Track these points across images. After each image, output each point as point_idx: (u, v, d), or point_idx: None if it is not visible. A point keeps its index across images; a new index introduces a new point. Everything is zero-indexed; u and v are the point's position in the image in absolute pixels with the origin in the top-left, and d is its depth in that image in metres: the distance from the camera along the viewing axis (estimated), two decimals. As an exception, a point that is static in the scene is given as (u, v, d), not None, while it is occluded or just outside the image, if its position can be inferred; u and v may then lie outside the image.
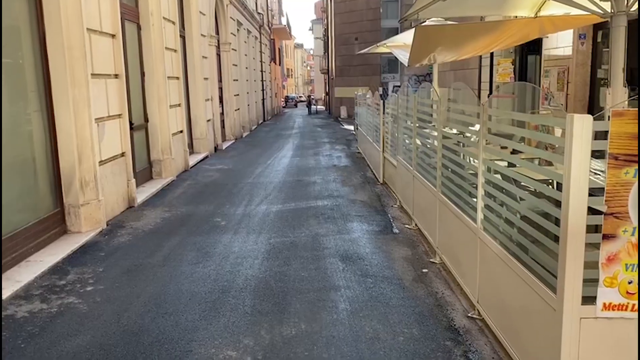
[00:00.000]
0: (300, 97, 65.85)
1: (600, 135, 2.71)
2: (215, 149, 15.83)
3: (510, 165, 4.25)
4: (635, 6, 4.80)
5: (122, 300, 4.73)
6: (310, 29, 64.25)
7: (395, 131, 8.74)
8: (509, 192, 3.72)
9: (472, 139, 4.98)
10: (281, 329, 4.09)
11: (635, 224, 2.64)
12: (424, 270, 5.34)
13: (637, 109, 2.62)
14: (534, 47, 10.79)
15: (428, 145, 6.45)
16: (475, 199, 4.28)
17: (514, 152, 4.82)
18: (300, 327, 4.13)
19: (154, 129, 10.37)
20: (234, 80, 20.03)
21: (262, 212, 7.97)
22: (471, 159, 5.15)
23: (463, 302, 4.50)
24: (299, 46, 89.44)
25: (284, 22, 46.93)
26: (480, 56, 13.13)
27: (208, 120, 14.89)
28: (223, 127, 17.96)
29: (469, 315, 4.23)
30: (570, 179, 2.64)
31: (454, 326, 4.08)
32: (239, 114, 20.86)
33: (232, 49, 19.55)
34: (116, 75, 8.09)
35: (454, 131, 5.57)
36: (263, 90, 31.89)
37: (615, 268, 2.69)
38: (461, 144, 5.27)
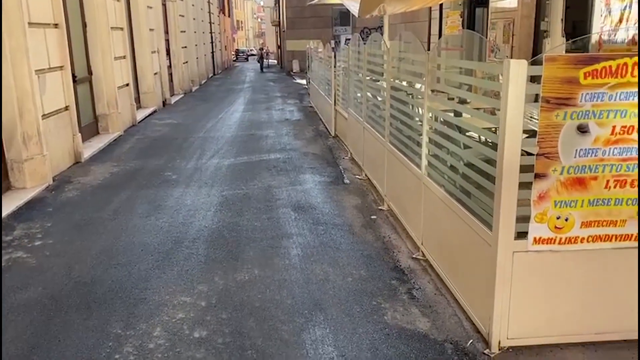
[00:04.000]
0: (251, 50, 64.30)
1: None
2: (164, 103, 15.44)
3: (457, 114, 4.40)
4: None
5: (72, 254, 4.70)
6: (260, -20, 62.22)
7: (347, 84, 8.78)
8: (452, 138, 3.88)
9: (417, 87, 5.08)
10: (235, 275, 4.20)
11: (564, 163, 2.84)
12: (372, 217, 5.52)
13: (569, 54, 2.77)
14: (481, -1, 10.93)
15: (379, 98, 6.54)
16: (420, 148, 4.42)
17: (461, 101, 4.99)
18: (254, 272, 4.25)
19: (99, 82, 10.02)
20: (182, 31, 19.37)
21: (214, 165, 7.95)
22: (418, 108, 5.28)
23: (408, 244, 4.72)
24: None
25: (232, -29, 45.32)
26: (430, 9, 13.19)
27: (155, 74, 14.46)
28: (171, 80, 17.48)
29: (414, 256, 4.46)
30: (505, 121, 2.79)
31: (399, 267, 4.29)
32: (187, 67, 20.30)
33: (179, -1, 18.84)
34: (55, 25, 7.72)
35: (404, 83, 5.66)
36: (212, 42, 30.99)
37: (545, 205, 2.90)
38: (410, 95, 5.37)
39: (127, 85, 11.61)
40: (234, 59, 52.67)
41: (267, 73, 32.48)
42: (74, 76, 8.42)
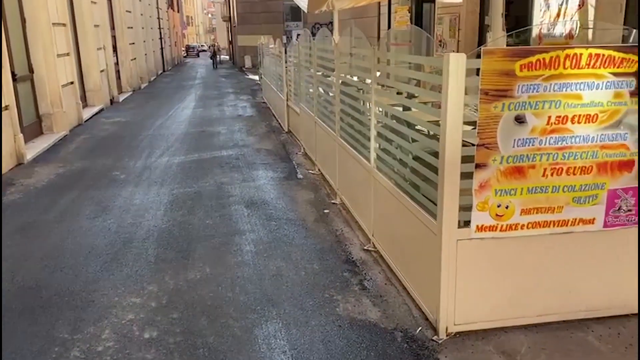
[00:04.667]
0: (202, 46, 63.28)
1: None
2: (112, 101, 15.04)
3: (405, 108, 4.47)
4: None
5: (15, 258, 4.53)
6: (209, -26, 61.25)
7: (298, 79, 8.78)
8: (399, 132, 3.95)
9: (366, 82, 5.14)
10: (186, 274, 4.15)
11: (504, 153, 2.94)
12: (325, 211, 5.56)
13: (506, 47, 2.87)
14: (428, -6, 11.12)
15: (331, 94, 6.57)
16: (369, 141, 4.48)
17: (409, 96, 5.07)
18: (205, 270, 4.21)
19: (41, 80, 9.65)
20: (129, 27, 18.89)
21: (164, 164, 7.81)
22: (366, 102, 5.35)
23: (360, 237, 4.78)
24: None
25: (180, -34, 44.45)
26: (379, 4, 13.32)
27: (101, 71, 14.05)
28: (119, 78, 17.04)
29: (365, 248, 4.52)
30: (446, 114, 2.87)
31: (351, 259, 4.34)
32: (135, 64, 19.81)
33: (125, -6, 18.34)
34: (-9, 21, 7.39)
35: (355, 78, 5.71)
36: (161, 38, 30.36)
37: (486, 194, 3.00)
38: (361, 91, 5.42)
39: (72, 83, 11.24)
40: (185, 55, 51.80)
41: (219, 69, 32.09)
42: (13, 74, 8.09)
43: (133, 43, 19.68)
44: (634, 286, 3.28)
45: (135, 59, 19.78)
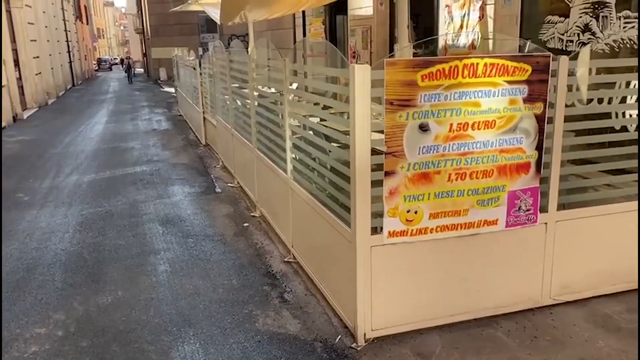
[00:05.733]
0: (115, 59, 60.98)
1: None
2: (15, 118, 14.12)
3: (323, 120, 4.49)
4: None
5: None
6: (120, -15, 59.31)
7: (214, 91, 8.65)
8: (312, 142, 3.98)
9: (281, 93, 5.14)
10: (96, 299, 3.94)
11: (410, 160, 3.03)
12: (245, 225, 5.49)
13: (408, 58, 2.97)
14: (341, 7, 11.35)
15: (247, 106, 6.51)
16: (285, 153, 4.48)
17: (324, 107, 5.13)
18: (117, 294, 4.01)
19: None
20: (32, 40, 17.84)
21: (72, 183, 7.41)
22: (281, 114, 5.35)
23: (280, 249, 4.75)
24: (110, 4, 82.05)
25: (88, -24, 42.67)
26: (294, 16, 13.46)
27: (2, 87, 13.15)
28: (22, 93, 16.03)
29: (285, 260, 4.50)
30: (355, 123, 2.92)
31: (271, 272, 4.31)
32: (41, 79, 18.73)
33: (27, 5, 17.31)
34: None
35: (273, 90, 5.69)
36: (69, 52, 28.94)
37: (396, 200, 3.07)
38: (279, 102, 5.41)
39: (-33, 100, 10.45)
40: (96, 68, 49.68)
41: (134, 83, 31.04)
42: None
43: (38, 57, 18.61)
44: (536, 281, 3.49)
45: (40, 73, 18.71)
